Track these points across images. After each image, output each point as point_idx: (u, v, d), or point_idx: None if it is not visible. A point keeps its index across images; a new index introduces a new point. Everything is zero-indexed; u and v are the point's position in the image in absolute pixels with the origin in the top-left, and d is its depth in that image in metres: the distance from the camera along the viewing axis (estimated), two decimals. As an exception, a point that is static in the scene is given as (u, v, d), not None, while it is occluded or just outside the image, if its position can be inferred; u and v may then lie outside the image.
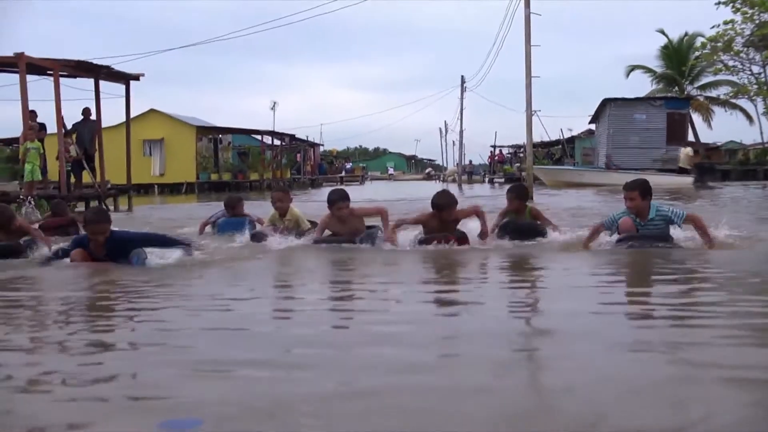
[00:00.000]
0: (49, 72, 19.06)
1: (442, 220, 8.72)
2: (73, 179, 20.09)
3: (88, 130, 20.55)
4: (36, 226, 10.21)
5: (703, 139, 42.81)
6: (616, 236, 8.30)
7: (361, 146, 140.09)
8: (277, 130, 50.97)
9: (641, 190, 8.09)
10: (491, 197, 25.94)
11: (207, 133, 45.09)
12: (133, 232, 8.15)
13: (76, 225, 10.98)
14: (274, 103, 56.88)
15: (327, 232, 9.29)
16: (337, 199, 9.17)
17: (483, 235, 8.81)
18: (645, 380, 3.02)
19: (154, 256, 7.56)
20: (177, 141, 41.62)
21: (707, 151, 41.95)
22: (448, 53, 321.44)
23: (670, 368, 3.26)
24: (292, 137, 52.54)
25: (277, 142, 50.31)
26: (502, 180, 46.52)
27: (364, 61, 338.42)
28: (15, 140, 36.45)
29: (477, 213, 9.09)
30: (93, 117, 20.83)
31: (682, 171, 31.02)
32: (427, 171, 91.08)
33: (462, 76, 51.51)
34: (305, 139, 59.43)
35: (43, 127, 19.32)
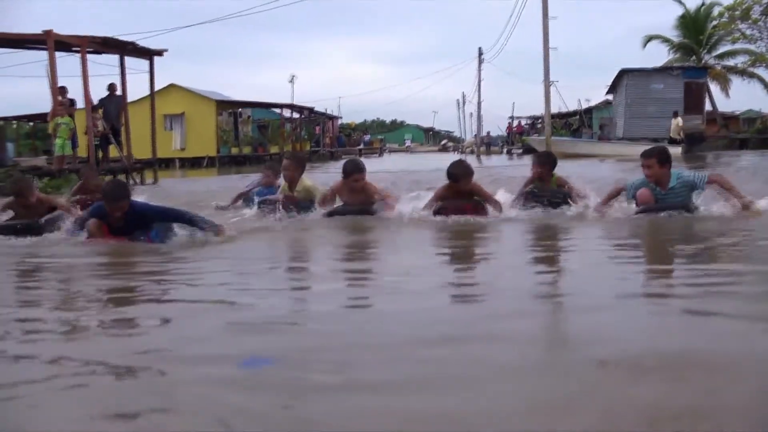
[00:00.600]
0: (75, 48, 19.50)
1: (458, 191, 8.56)
2: (100, 154, 20.61)
3: (114, 105, 21.04)
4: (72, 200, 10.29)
5: (720, 108, 42.88)
6: (633, 206, 8.10)
7: (378, 119, 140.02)
8: (295, 103, 51.34)
9: (659, 158, 7.78)
10: (509, 167, 26.35)
11: (227, 107, 45.45)
12: (154, 205, 7.77)
13: None
14: (293, 76, 57.05)
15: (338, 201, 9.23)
16: (353, 171, 9.03)
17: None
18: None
19: (173, 233, 7.28)
20: (197, 115, 41.99)
21: (725, 120, 42.07)
22: (464, 24, 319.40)
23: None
24: (311, 110, 52.84)
25: (295, 115, 50.61)
26: (521, 151, 46.76)
27: (381, 33, 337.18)
28: (36, 116, 37.01)
29: (495, 204, 8.64)
30: (119, 92, 21.32)
31: (672, 141, 31.57)
32: (442, 143, 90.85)
33: (479, 48, 51.94)
34: (324, 112, 59.68)
35: (72, 102, 19.81)
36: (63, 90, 19.04)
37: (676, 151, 28.49)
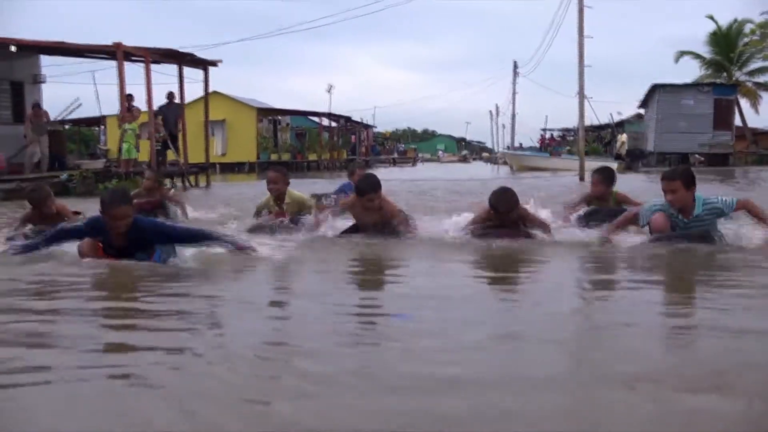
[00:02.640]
0: (139, 59, 20.91)
1: (501, 220, 7.62)
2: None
3: (172, 112, 22.52)
4: None
5: (750, 124, 43.53)
6: (648, 234, 7.22)
7: (409, 128, 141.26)
8: (331, 111, 52.71)
9: (685, 180, 6.73)
10: (541, 178, 27.44)
11: (267, 114, 46.89)
12: (164, 223, 6.61)
13: (164, 206, 10.58)
14: (331, 86, 58.46)
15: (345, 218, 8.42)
16: (368, 190, 7.91)
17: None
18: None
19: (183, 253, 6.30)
20: (238, 122, 43.40)
21: (755, 136, 42.79)
22: (498, 34, 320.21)
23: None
24: (348, 119, 54.14)
25: (333, 123, 51.91)
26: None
27: (416, 42, 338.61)
28: (80, 120, 38.23)
29: (544, 227, 7.75)
30: (176, 100, 22.77)
31: (618, 157, 36.88)
32: (463, 153, 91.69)
33: (515, 62, 52.89)
34: (360, 121, 61.04)
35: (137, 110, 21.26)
36: (130, 98, 20.46)
37: (613, 166, 32.40)
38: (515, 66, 52.94)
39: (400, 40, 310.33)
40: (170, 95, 22.61)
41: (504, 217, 7.55)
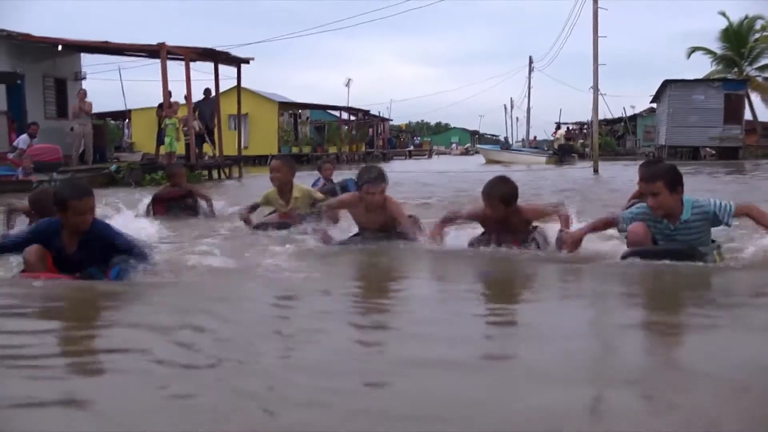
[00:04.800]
0: (179, 57, 22.15)
1: (502, 219, 6.52)
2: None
3: (208, 107, 23.80)
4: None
5: (761, 118, 44.51)
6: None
7: (422, 121, 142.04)
8: (349, 105, 53.77)
9: (667, 180, 5.63)
10: (555, 171, 28.63)
11: (287, 108, 47.92)
12: (117, 230, 5.51)
13: (193, 196, 10.80)
14: (349, 80, 59.64)
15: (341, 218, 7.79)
16: (367, 179, 6.95)
17: (561, 242, 6.26)
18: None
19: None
20: (260, 116, 44.30)
21: (765, 130, 43.75)
22: (514, 30, 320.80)
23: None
24: (366, 113, 55.17)
25: (351, 117, 52.98)
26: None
27: (428, 35, 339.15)
28: (108, 114, 39.40)
29: (559, 215, 6.63)
30: (212, 96, 24.06)
31: (555, 152, 43.23)
32: (466, 146, 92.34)
33: (530, 57, 54.05)
34: (377, 114, 62.15)
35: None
36: (169, 94, 21.75)
37: (540, 159, 40.71)
38: (530, 61, 54.06)
39: (416, 35, 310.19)
40: (207, 91, 23.88)
41: (508, 212, 6.47)
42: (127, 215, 8.75)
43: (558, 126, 62.63)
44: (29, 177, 16.45)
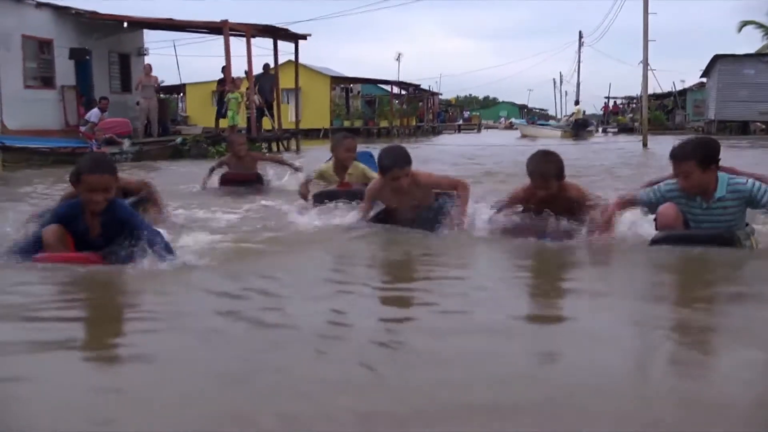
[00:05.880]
0: (240, 33, 23.00)
1: (545, 198, 5.89)
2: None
3: (267, 81, 24.67)
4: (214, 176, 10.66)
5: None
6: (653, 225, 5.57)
7: (470, 95, 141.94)
8: (397, 79, 54.25)
9: (700, 159, 5.14)
10: (606, 142, 28.94)
11: (339, 82, 48.62)
12: (140, 218, 5.22)
13: (261, 180, 10.62)
14: (399, 54, 60.01)
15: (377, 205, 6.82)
16: (391, 165, 6.27)
17: (594, 225, 5.66)
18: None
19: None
20: (312, 90, 44.98)
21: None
22: (562, 2, 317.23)
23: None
24: (417, 87, 55.66)
25: (402, 91, 53.49)
26: (616, 129, 49.80)
27: (482, 10, 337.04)
28: (164, 88, 40.35)
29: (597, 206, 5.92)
30: (272, 71, 24.92)
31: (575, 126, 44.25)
32: (510, 120, 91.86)
33: (580, 32, 54.07)
34: (427, 88, 62.58)
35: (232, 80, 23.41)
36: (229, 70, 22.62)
37: (556, 133, 42.18)
38: (580, 36, 54.11)
39: (466, 9, 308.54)
40: (266, 66, 24.72)
41: (547, 191, 5.86)
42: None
43: (607, 99, 62.72)
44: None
